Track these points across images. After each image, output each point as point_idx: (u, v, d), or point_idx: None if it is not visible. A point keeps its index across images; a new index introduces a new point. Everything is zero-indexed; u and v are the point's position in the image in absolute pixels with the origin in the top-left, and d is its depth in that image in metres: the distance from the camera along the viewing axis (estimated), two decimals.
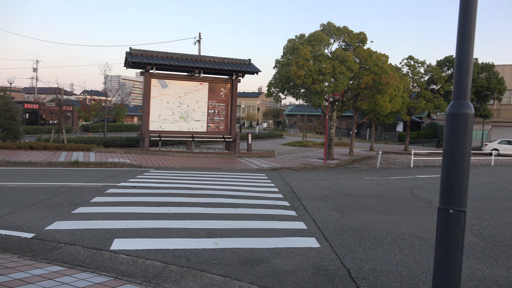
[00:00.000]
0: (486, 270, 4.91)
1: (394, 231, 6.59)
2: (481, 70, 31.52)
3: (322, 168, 17.40)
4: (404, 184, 12.76)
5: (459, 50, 2.62)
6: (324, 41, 19.29)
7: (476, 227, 7.11)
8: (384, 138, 49.32)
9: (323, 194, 9.99)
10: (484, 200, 10.07)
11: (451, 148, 2.57)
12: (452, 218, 2.55)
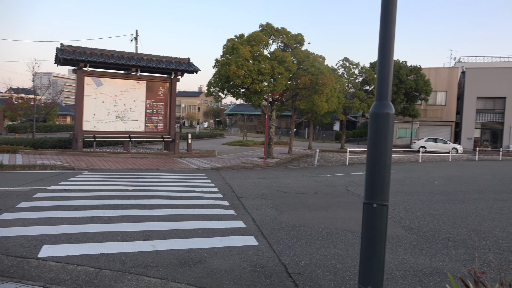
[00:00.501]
0: (412, 260, 5.24)
1: (329, 227, 6.84)
2: (409, 73, 33.52)
3: (262, 167, 17.64)
4: (340, 181, 13.27)
5: (380, 56, 2.78)
6: (263, 42, 19.54)
7: (404, 220, 7.56)
8: (322, 137, 50.95)
9: (262, 193, 10.13)
10: (412, 194, 10.73)
11: (374, 146, 2.73)
12: (376, 211, 2.71)
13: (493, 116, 38.92)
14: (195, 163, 17.12)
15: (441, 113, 39.95)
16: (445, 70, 40.63)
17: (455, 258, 5.38)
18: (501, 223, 7.50)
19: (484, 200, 10.11)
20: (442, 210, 8.59)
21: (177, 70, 20.25)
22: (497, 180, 14.84)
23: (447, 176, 15.53)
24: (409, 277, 4.64)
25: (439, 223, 7.40)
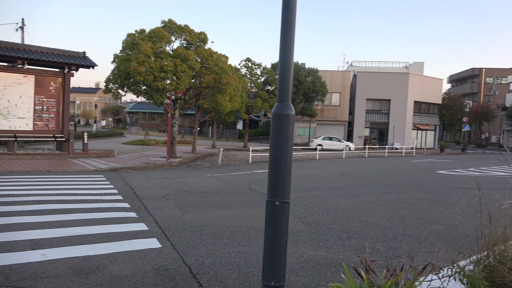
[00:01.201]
0: (311, 253, 5.53)
1: (233, 225, 6.92)
2: (308, 74, 35.34)
3: (165, 166, 17.24)
4: (243, 179, 13.51)
5: (281, 60, 2.89)
6: (166, 38, 19.08)
7: (303, 215, 7.95)
8: (226, 135, 51.41)
9: (166, 193, 9.90)
10: (310, 190, 11.33)
11: (276, 146, 2.82)
12: (278, 209, 2.81)
13: (380, 116, 42.76)
14: (92, 164, 16.11)
15: (335, 113, 42.80)
16: (339, 73, 43.63)
17: (348, 248, 5.80)
18: (387, 214, 8.27)
19: (373, 193, 11.06)
20: (337, 204, 9.20)
21: (71, 64, 18.83)
22: (384, 175, 16.34)
23: (341, 172, 16.69)
24: (308, 269, 4.89)
25: (334, 216, 7.92)
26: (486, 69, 72.49)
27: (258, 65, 31.18)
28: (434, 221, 7.75)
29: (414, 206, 9.24)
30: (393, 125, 42.19)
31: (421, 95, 43.59)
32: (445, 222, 7.63)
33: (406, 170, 18.96)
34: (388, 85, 42.12)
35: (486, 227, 2.73)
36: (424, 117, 44.93)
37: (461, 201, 10.05)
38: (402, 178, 15.10)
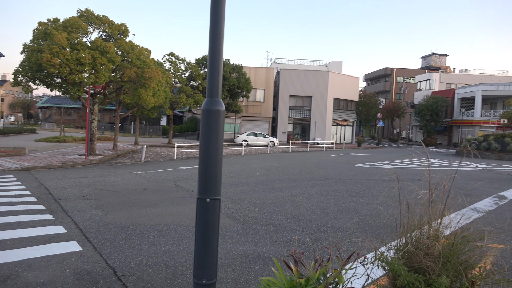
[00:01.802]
0: (239, 248, 5.56)
1: (159, 223, 6.74)
2: (232, 70, 35.45)
3: (84, 164, 16.30)
4: (168, 176, 13.21)
5: (211, 55, 2.84)
6: (82, 29, 17.98)
7: (231, 211, 7.97)
8: (149, 132, 49.91)
9: (85, 193, 9.36)
10: (237, 185, 11.40)
11: (206, 142, 2.77)
12: (209, 206, 2.77)
13: (302, 113, 44.23)
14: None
15: (260, 109, 43.47)
16: (263, 69, 44.34)
17: (276, 241, 5.92)
18: (311, 207, 8.58)
19: (297, 187, 11.41)
20: (263, 199, 9.35)
21: None
22: (307, 169, 16.93)
23: (266, 167, 17.00)
24: (237, 264, 4.91)
25: (261, 210, 8.04)
26: (397, 69, 78.09)
27: (182, 60, 30.63)
28: (355, 212, 8.18)
29: (336, 199, 9.69)
30: (314, 121, 43.86)
31: (340, 92, 45.78)
32: (365, 213, 8.09)
33: (327, 164, 19.82)
34: (309, 83, 43.67)
35: (405, 216, 2.93)
36: (343, 113, 47.27)
37: (376, 192, 10.74)
38: (324, 172, 15.75)
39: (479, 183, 13.70)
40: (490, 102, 52.97)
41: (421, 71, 73.29)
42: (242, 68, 36.36)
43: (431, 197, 2.96)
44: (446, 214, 3.01)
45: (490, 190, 11.98)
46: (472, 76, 65.01)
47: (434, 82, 63.44)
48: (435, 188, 3.31)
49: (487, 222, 7.58)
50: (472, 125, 49.39)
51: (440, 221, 2.78)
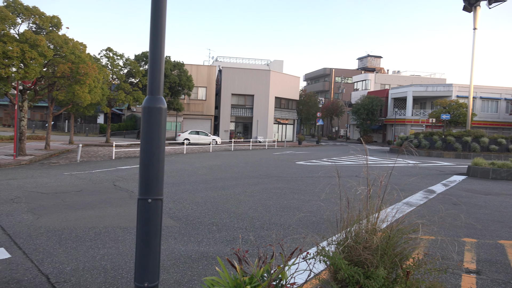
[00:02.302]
0: (182, 248, 5.46)
1: (97, 226, 6.46)
2: (173, 68, 34.82)
3: (12, 165, 15.24)
4: (106, 176, 12.71)
5: (152, 51, 2.75)
6: (10, 20, 16.77)
7: (173, 211, 7.82)
8: (85, 130, 47.73)
9: (14, 196, 8.76)
10: (179, 185, 11.21)
11: (148, 141, 2.69)
12: (151, 206, 2.68)
13: (244, 111, 44.45)
14: None
15: (202, 107, 43.12)
16: (205, 67, 44.00)
17: (219, 240, 5.89)
18: (254, 205, 8.64)
19: (240, 185, 11.44)
20: (206, 198, 9.28)
21: None
22: (249, 167, 17.05)
23: (209, 166, 16.89)
24: (180, 265, 4.82)
25: (204, 210, 7.97)
26: (335, 69, 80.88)
27: (120, 55, 29.59)
28: (297, 208, 8.36)
29: (278, 196, 9.83)
30: (256, 120, 44.26)
31: (281, 91, 46.57)
32: (306, 209, 8.29)
33: (269, 162, 20.08)
34: (251, 81, 43.99)
35: (345, 211, 3.03)
36: (284, 112, 48.13)
37: (317, 189, 11.05)
38: (266, 170, 15.94)
39: (411, 178, 14.53)
40: (420, 102, 56.41)
41: (357, 71, 76.48)
42: (183, 66, 35.84)
43: (369, 192, 3.09)
44: (383, 209, 3.15)
45: (420, 185, 12.75)
46: (404, 77, 68.86)
47: (370, 82, 66.47)
48: (373, 184, 3.45)
49: (419, 215, 8.05)
50: (404, 124, 52.33)
51: (377, 216, 2.91)
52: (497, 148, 30.12)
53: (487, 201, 10.25)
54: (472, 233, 6.81)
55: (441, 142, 31.50)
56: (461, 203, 9.74)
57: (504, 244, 6.21)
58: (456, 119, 43.17)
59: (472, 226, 7.36)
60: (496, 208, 9.23)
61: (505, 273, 4.91)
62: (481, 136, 31.10)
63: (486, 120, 50.09)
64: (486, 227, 7.32)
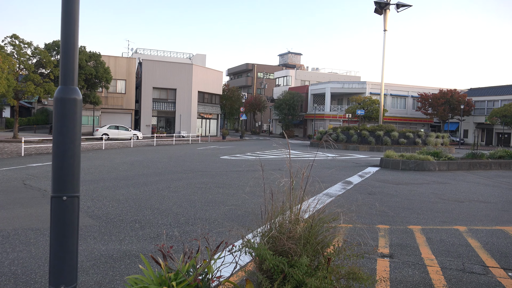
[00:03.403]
0: (102, 248, 5.21)
1: (5, 229, 5.93)
2: (89, 59, 32.92)
3: None
4: (15, 175, 11.71)
5: (64, 36, 2.55)
6: None
7: (91, 209, 7.42)
8: None
9: None
10: (98, 182, 10.66)
11: (61, 134, 2.50)
12: (66, 204, 2.50)
13: (167, 105, 43.46)
14: None
15: (121, 101, 41.37)
16: (124, 59, 42.23)
17: (142, 238, 5.71)
18: (178, 200, 8.49)
19: (163, 181, 11.18)
20: (127, 195, 8.93)
21: None
22: (173, 162, 16.72)
23: (130, 162, 16.28)
24: (100, 265, 4.59)
25: (126, 207, 7.67)
26: (257, 65, 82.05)
27: (28, 44, 27.30)
28: (222, 202, 8.36)
29: (203, 191, 9.76)
30: (179, 114, 43.52)
31: (204, 85, 46.23)
32: (231, 203, 8.33)
33: (193, 157, 19.86)
34: (173, 75, 43.10)
35: (269, 203, 3.08)
36: (207, 106, 47.86)
37: (242, 182, 11.16)
38: (190, 165, 15.74)
39: (330, 170, 15.25)
40: (338, 98, 59.35)
41: (279, 68, 78.40)
42: (100, 57, 34.03)
43: (291, 184, 3.17)
44: (305, 200, 3.26)
45: (339, 176, 13.42)
46: (322, 74, 71.93)
47: (291, 78, 68.48)
48: (295, 176, 3.56)
49: (338, 205, 8.48)
50: (323, 119, 54.73)
51: (299, 206, 3.00)
52: (405, 142, 32.67)
53: (397, 190, 11.08)
54: (385, 220, 7.32)
55: (357, 136, 33.43)
56: (375, 193, 10.42)
57: (413, 229, 6.76)
58: (370, 114, 46.10)
59: (385, 213, 7.92)
60: (405, 196, 10.01)
61: (414, 255, 5.34)
62: (391, 130, 33.51)
63: (396, 115, 54.11)
64: (397, 214, 7.91)
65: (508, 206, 9.22)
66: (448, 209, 8.54)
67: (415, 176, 14.60)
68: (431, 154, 17.73)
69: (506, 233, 6.68)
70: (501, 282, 4.50)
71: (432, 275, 4.66)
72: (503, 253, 5.57)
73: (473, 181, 13.68)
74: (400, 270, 4.78)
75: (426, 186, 12.07)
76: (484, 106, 54.16)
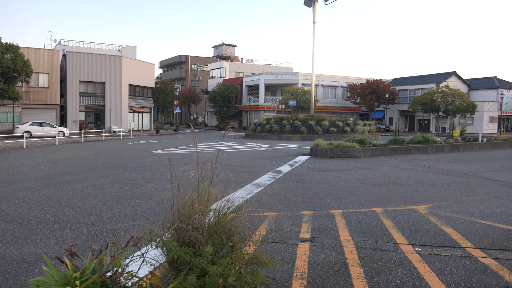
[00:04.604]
0: (15, 252, 4.94)
1: None
2: (5, 51, 30.52)
3: None
4: None
5: None
6: None
7: (5, 212, 6.97)
8: None
9: None
10: (16, 183, 10.02)
11: None
12: None
13: (95, 100, 41.57)
14: None
15: (45, 96, 38.90)
16: (46, 51, 39.66)
17: (61, 239, 5.48)
18: (103, 198, 8.22)
19: (89, 179, 10.74)
20: (48, 195, 8.49)
21: None
22: (101, 159, 16.10)
23: (54, 160, 15.44)
24: (12, 270, 4.36)
25: (45, 208, 7.29)
26: (191, 56, 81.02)
27: None
28: (149, 198, 8.22)
29: (131, 187, 9.53)
30: (109, 108, 41.85)
31: (135, 78, 44.77)
32: (159, 197, 8.21)
33: (123, 152, 19.26)
34: (102, 68, 41.27)
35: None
36: (139, 100, 46.47)
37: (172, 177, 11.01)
38: (119, 161, 15.26)
39: (262, 161, 15.53)
40: (271, 89, 60.29)
41: (213, 59, 77.91)
42: (18, 49, 31.69)
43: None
44: (233, 191, 3.32)
45: (270, 166, 13.71)
46: (256, 66, 72.60)
47: (225, 70, 68.41)
48: (225, 169, 3.60)
49: (266, 194, 8.70)
50: (258, 110, 55.34)
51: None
52: (335, 130, 34.02)
53: (324, 177, 11.55)
54: (310, 206, 7.63)
55: (290, 126, 34.23)
56: (303, 181, 10.79)
57: (334, 213, 7.11)
58: (302, 104, 47.37)
59: (310, 200, 8.24)
60: (331, 183, 10.48)
61: (333, 238, 5.64)
62: (322, 120, 34.71)
63: (327, 105, 56.07)
64: (322, 200, 8.27)
65: (421, 187, 9.99)
66: (368, 193, 9.07)
67: (341, 163, 15.30)
68: (357, 142, 18.64)
69: (417, 212, 7.25)
70: (408, 257, 4.90)
71: (347, 255, 4.96)
72: (412, 230, 6.04)
73: (393, 165, 14.61)
74: (318, 252, 5.03)
75: (351, 172, 12.70)
76: (407, 95, 57.78)
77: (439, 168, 13.75)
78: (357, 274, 4.33)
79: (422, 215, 7.00)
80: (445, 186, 10.11)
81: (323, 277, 4.26)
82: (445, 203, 8.02)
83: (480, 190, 9.65)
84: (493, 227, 6.29)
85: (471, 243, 5.45)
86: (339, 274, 4.33)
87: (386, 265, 4.62)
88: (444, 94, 46.52)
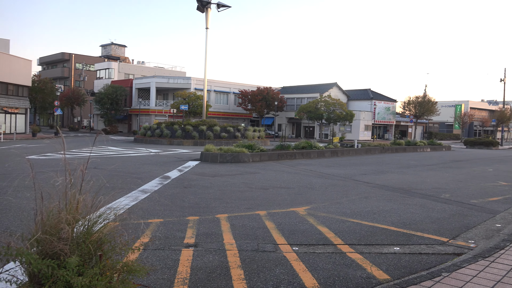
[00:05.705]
0: None
1: None
2: None
3: None
4: None
5: None
6: None
7: None
8: None
9: None
10: None
11: None
12: None
13: None
14: None
15: None
16: None
17: None
18: None
19: None
20: None
21: None
22: None
23: None
24: None
25: None
26: (75, 55, 75.66)
27: None
28: (6, 209, 7.44)
29: None
30: None
31: (8, 75, 40.29)
32: (19, 208, 7.48)
33: None
34: None
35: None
36: (13, 99, 41.91)
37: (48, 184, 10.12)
38: None
39: (150, 166, 15.10)
40: (163, 93, 59.05)
41: (101, 59, 73.75)
42: None
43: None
44: (116, 199, 3.14)
45: (158, 172, 13.39)
46: (148, 68, 70.55)
47: (114, 71, 65.24)
48: (109, 175, 3.40)
49: (152, 201, 8.48)
50: (148, 114, 53.76)
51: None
52: (227, 136, 34.55)
53: (212, 182, 11.65)
54: (196, 212, 7.62)
55: (181, 131, 33.86)
56: (191, 186, 10.75)
57: (220, 217, 7.21)
58: (195, 109, 47.24)
59: (197, 205, 8.24)
60: (219, 188, 10.60)
61: (217, 242, 5.71)
62: (214, 125, 35.01)
63: (220, 111, 56.76)
64: (208, 205, 8.32)
65: (302, 190, 10.65)
66: (254, 197, 9.39)
67: (231, 168, 15.59)
68: (246, 147, 19.17)
69: (297, 213, 7.71)
70: (286, 256, 5.18)
71: (229, 258, 5.06)
72: (291, 231, 6.41)
73: (279, 169, 15.34)
74: (202, 257, 5.05)
75: (239, 176, 13.01)
76: (294, 103, 61.19)
77: (319, 172, 14.79)
78: (237, 276, 4.45)
79: (302, 216, 7.46)
80: (323, 189, 10.91)
81: (204, 281, 4.29)
82: (322, 204, 8.66)
83: (353, 191, 10.61)
84: (360, 224, 6.97)
85: (341, 240, 5.96)
86: (220, 277, 4.41)
87: (265, 265, 4.83)
88: (327, 103, 50.31)
